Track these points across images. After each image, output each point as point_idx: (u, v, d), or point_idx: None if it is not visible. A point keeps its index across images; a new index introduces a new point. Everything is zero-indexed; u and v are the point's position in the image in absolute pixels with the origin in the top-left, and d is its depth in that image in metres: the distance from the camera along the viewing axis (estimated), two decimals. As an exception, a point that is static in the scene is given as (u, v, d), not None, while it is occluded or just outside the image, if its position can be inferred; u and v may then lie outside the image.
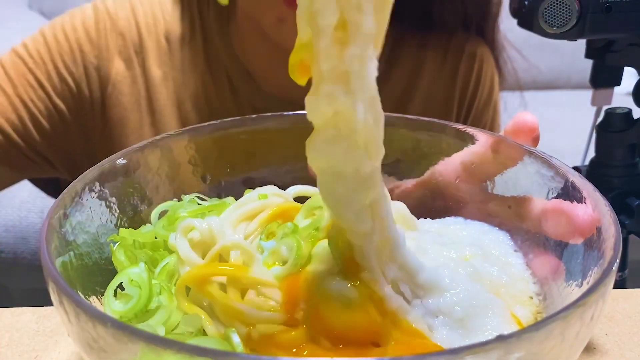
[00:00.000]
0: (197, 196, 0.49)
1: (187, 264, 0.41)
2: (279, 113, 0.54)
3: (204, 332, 0.39)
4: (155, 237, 0.45)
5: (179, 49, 0.79)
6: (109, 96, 0.77)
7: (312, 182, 0.51)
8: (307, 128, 0.54)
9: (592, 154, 0.71)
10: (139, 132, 0.78)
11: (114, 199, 0.46)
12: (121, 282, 0.41)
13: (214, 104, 0.78)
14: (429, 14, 0.81)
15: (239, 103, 0.78)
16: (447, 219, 0.51)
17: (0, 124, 0.73)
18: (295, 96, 0.80)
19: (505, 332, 0.29)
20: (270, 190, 0.48)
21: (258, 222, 0.44)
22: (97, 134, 0.78)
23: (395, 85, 0.82)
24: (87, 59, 0.76)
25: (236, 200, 0.47)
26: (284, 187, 0.50)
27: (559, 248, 0.43)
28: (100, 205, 0.44)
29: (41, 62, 0.76)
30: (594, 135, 0.70)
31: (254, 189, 0.49)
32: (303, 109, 0.35)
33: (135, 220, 0.47)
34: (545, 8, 0.59)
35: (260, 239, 0.43)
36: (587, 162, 0.71)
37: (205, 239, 0.42)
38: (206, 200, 0.49)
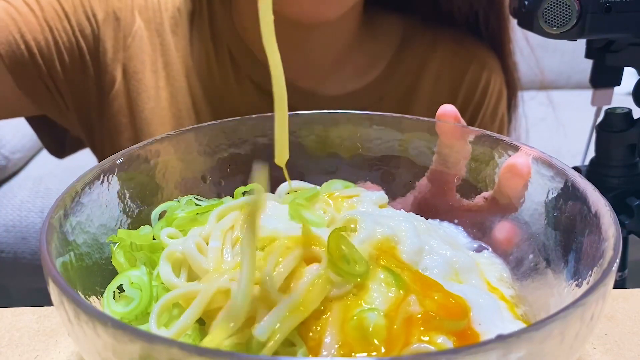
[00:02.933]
0: (195, 197, 0.49)
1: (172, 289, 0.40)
2: (278, 113, 0.54)
3: (202, 333, 0.39)
4: (154, 239, 0.45)
5: (187, 24, 0.81)
6: (128, 47, 0.78)
7: (310, 179, 0.52)
8: (306, 127, 0.54)
9: (592, 154, 0.71)
10: (155, 92, 0.79)
11: (114, 199, 0.46)
12: (120, 284, 0.41)
13: (216, 77, 0.80)
14: (437, 5, 0.83)
15: (240, 78, 0.80)
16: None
17: (28, 41, 0.74)
18: (292, 71, 0.78)
19: (505, 331, 0.29)
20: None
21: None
22: (111, 87, 0.79)
23: (399, 83, 0.82)
24: (110, 6, 0.78)
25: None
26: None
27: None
28: (101, 205, 0.44)
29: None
30: (594, 135, 0.70)
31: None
32: (297, 84, 0.35)
33: (136, 220, 0.47)
34: (545, 8, 0.59)
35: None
36: (587, 162, 0.71)
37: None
38: (203, 201, 0.49)
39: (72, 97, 0.80)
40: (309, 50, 0.80)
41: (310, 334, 0.36)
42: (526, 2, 0.61)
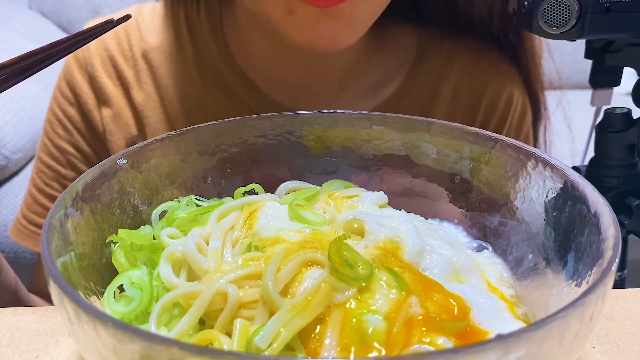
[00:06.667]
0: (195, 197, 0.49)
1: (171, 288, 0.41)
2: (278, 113, 0.54)
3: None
4: (154, 239, 0.45)
5: (164, 64, 0.75)
6: (109, 143, 0.77)
7: (310, 179, 0.52)
8: (306, 127, 0.54)
9: (591, 154, 0.71)
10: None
11: (114, 199, 0.46)
12: (121, 284, 0.41)
13: (211, 114, 0.75)
14: (455, 14, 0.77)
15: (239, 111, 0.75)
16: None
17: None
18: (298, 92, 0.76)
19: (505, 330, 0.29)
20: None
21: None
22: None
23: (414, 102, 0.76)
24: (77, 125, 0.78)
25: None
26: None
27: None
28: (101, 205, 0.44)
29: (58, 153, 0.79)
30: (594, 135, 0.70)
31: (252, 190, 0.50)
32: (303, 108, 0.35)
33: (136, 220, 0.47)
34: (545, 8, 0.59)
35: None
36: (586, 162, 0.71)
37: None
38: (204, 201, 0.49)
39: None
40: (316, 71, 0.75)
41: (310, 338, 0.35)
42: (526, 2, 0.61)
